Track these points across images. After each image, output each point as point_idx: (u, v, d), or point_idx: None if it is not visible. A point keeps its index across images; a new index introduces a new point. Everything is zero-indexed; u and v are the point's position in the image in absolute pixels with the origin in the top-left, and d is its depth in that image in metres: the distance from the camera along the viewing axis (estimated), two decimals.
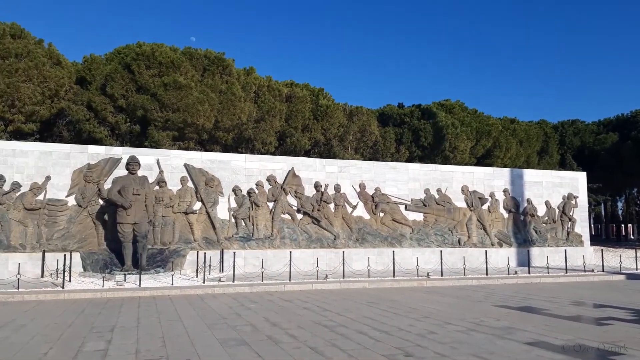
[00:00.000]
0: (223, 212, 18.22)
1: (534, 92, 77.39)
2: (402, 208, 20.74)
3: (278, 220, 18.80)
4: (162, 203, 17.23)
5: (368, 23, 78.73)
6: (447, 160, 28.41)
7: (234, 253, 16.09)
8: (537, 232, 22.60)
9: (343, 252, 17.08)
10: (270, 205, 18.87)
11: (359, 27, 79.02)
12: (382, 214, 20.34)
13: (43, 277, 15.03)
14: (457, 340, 7.39)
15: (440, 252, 18.12)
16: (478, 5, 77.41)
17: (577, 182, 23.93)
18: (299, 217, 19.20)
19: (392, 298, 12.21)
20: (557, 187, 23.46)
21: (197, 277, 15.42)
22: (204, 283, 14.12)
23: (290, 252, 16.47)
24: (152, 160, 17.47)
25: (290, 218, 19.07)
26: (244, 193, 18.57)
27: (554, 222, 23.07)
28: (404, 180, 21.02)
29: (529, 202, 22.74)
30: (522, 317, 9.57)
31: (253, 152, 24.21)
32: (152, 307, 10.76)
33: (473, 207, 21.71)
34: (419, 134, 29.37)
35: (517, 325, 8.59)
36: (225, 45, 75.58)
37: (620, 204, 60.28)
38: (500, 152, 30.39)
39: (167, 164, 17.72)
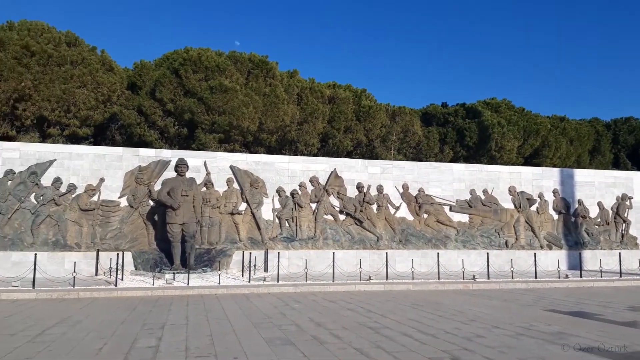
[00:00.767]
0: (267, 212, 18.50)
1: (585, 89, 74.38)
2: (446, 209, 20.43)
3: (321, 221, 18.92)
4: (209, 204, 17.67)
5: (410, 22, 77.78)
6: (493, 160, 27.73)
7: (278, 253, 16.31)
8: (589, 234, 21.76)
9: (386, 253, 17.00)
10: (313, 206, 19.01)
11: (401, 26, 78.19)
12: (425, 215, 20.11)
13: (97, 275, 15.71)
14: (505, 345, 7.24)
15: (487, 254, 17.75)
16: (521, 1, 75.05)
17: (631, 182, 22.87)
18: (342, 218, 19.25)
19: (437, 300, 12.07)
20: (610, 187, 22.52)
21: (242, 276, 15.72)
22: (250, 282, 14.39)
23: (333, 253, 16.56)
24: (199, 163, 17.95)
25: (333, 219, 19.15)
26: (288, 194, 18.79)
27: (607, 223, 22.14)
28: (449, 181, 20.71)
29: (580, 203, 21.92)
30: (574, 322, 9.26)
31: (296, 153, 24.43)
32: (200, 305, 11.04)
33: (521, 208, 21.14)
34: (464, 134, 28.80)
35: (569, 331, 8.32)
36: (269, 49, 76.45)
37: None
38: (549, 151, 29.39)
39: (213, 166, 18.16)
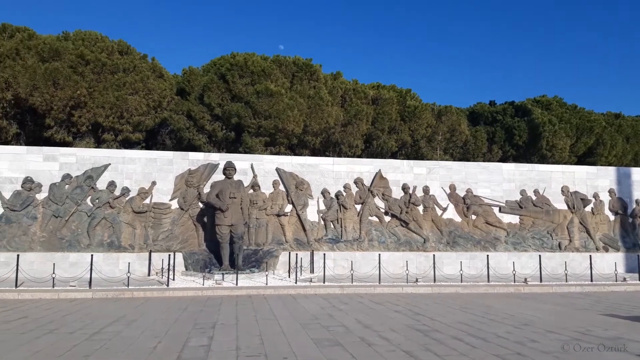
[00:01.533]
0: (313, 214, 18.62)
1: None
2: (495, 210, 19.93)
3: (366, 223, 18.86)
4: (256, 206, 17.96)
5: (455, 21, 76.25)
6: (544, 160, 26.82)
7: (324, 254, 16.37)
8: None
9: (433, 255, 16.76)
10: (358, 208, 18.97)
11: (446, 25, 76.73)
12: (474, 217, 19.68)
13: (150, 275, 16.27)
14: (561, 350, 7.00)
15: (539, 256, 17.18)
16: None
17: None
18: (387, 219, 19.12)
19: (487, 304, 11.79)
20: None
21: (289, 277, 15.89)
22: (296, 283, 14.52)
23: (379, 254, 16.46)
24: (246, 165, 18.29)
25: (378, 220, 19.05)
26: (332, 196, 18.84)
27: None
28: (498, 181, 20.19)
29: (638, 203, 20.87)
30: (633, 327, 8.83)
31: (340, 155, 24.45)
32: (248, 305, 11.22)
33: (574, 208, 20.35)
34: (513, 133, 27.99)
35: (628, 336, 7.95)
36: (312, 52, 76.91)
37: None
38: (604, 149, 28.14)
39: (260, 169, 18.45)
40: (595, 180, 20.90)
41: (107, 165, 17.31)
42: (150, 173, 17.65)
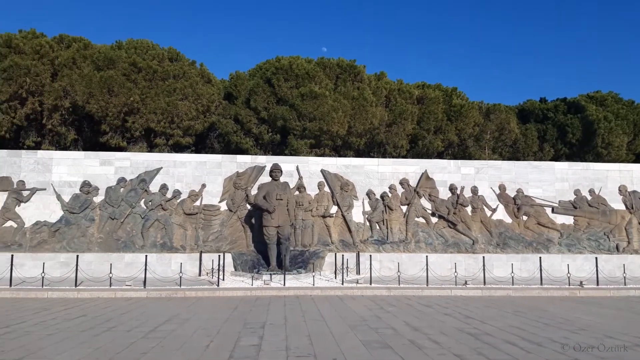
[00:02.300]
0: (358, 215, 18.60)
1: None
2: (548, 211, 19.27)
3: (412, 224, 18.67)
4: (302, 207, 18.13)
5: (502, 16, 74.16)
6: (599, 158, 25.72)
7: (370, 256, 16.32)
8: None
9: (483, 257, 16.40)
10: (404, 209, 18.80)
11: (492, 22, 74.74)
12: (525, 218, 19.10)
13: (200, 275, 16.70)
14: (622, 357, 6.71)
15: (595, 258, 16.48)
16: None
17: None
18: (434, 220, 18.85)
19: (540, 307, 11.44)
20: None
21: (335, 278, 15.93)
22: (343, 285, 14.55)
23: (427, 256, 16.25)
24: (292, 167, 18.49)
25: (425, 222, 18.81)
26: (378, 197, 18.75)
27: None
28: (550, 181, 19.53)
29: None
30: None
31: (385, 155, 24.32)
32: (296, 306, 11.35)
33: (633, 209, 19.40)
34: (565, 130, 27.00)
35: None
36: (356, 53, 76.75)
37: None
38: None
39: (305, 170, 18.61)
40: None
41: (159, 169, 17.92)
42: (200, 176, 18.14)
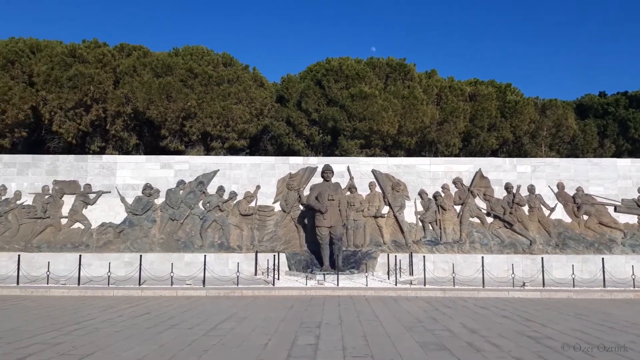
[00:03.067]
0: (410, 215, 18.50)
1: None
2: (610, 210, 18.47)
3: (466, 224, 18.37)
4: (353, 207, 18.24)
5: (557, 9, 71.12)
6: None
7: (424, 257, 16.21)
8: None
9: (541, 258, 15.95)
10: (458, 209, 18.53)
11: (547, 15, 71.88)
12: (585, 217, 18.39)
13: (256, 274, 17.15)
14: None
15: None
16: None
17: None
18: (489, 220, 18.47)
19: (604, 310, 11.04)
20: None
21: (388, 279, 15.95)
22: (396, 285, 14.55)
23: (482, 257, 15.96)
24: (343, 168, 18.63)
25: (480, 222, 18.47)
26: (430, 196, 18.58)
27: None
28: (612, 179, 18.70)
29: None
30: None
31: (437, 154, 24.03)
32: (350, 306, 11.46)
33: None
34: (627, 125, 25.76)
35: None
36: (405, 52, 75.87)
37: None
38: None
39: (356, 171, 18.71)
40: None
41: (216, 171, 18.52)
42: (255, 177, 18.61)
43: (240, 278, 15.15)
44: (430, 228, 18.43)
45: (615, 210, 18.48)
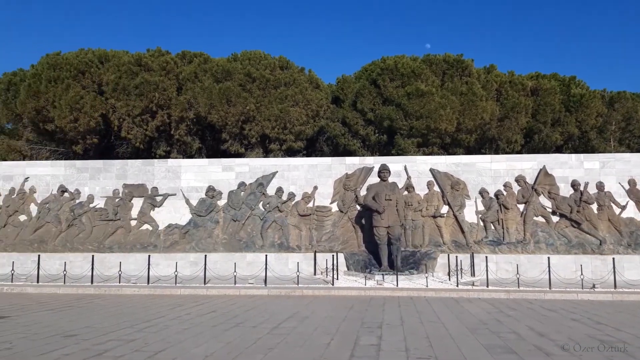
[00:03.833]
0: (470, 215, 18.13)
1: None
2: None
3: (530, 224, 17.78)
4: (411, 207, 18.09)
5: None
6: None
7: (486, 257, 15.86)
8: None
9: (612, 258, 15.21)
10: (521, 208, 17.98)
11: (609, 4, 67.82)
12: None
13: (315, 274, 17.39)
14: None
15: None
16: None
17: None
18: (555, 219, 17.79)
19: None
20: None
21: (449, 280, 15.71)
22: (458, 286, 14.33)
23: (548, 257, 15.40)
24: (399, 167, 18.52)
25: (545, 221, 17.82)
26: (492, 195, 18.13)
27: None
28: None
29: None
30: None
31: (497, 152, 23.39)
32: (411, 307, 11.41)
33: None
34: None
35: None
36: (462, 47, 74.03)
37: None
38: None
39: (413, 170, 18.54)
40: None
41: (274, 173, 18.94)
42: (312, 178, 18.86)
43: (300, 277, 15.43)
44: (492, 228, 17.99)
45: None
